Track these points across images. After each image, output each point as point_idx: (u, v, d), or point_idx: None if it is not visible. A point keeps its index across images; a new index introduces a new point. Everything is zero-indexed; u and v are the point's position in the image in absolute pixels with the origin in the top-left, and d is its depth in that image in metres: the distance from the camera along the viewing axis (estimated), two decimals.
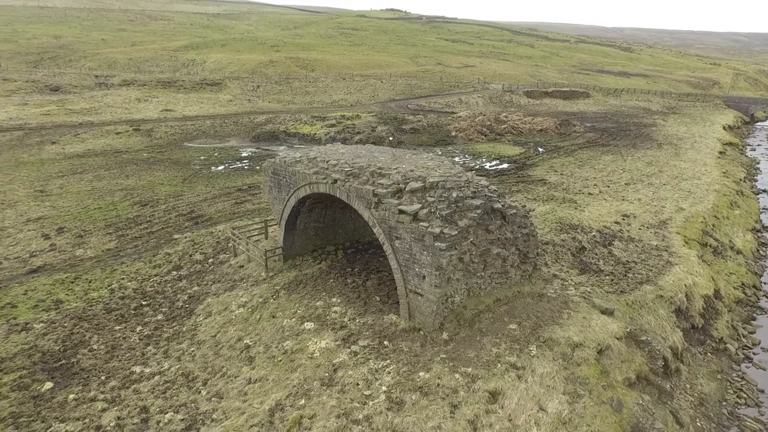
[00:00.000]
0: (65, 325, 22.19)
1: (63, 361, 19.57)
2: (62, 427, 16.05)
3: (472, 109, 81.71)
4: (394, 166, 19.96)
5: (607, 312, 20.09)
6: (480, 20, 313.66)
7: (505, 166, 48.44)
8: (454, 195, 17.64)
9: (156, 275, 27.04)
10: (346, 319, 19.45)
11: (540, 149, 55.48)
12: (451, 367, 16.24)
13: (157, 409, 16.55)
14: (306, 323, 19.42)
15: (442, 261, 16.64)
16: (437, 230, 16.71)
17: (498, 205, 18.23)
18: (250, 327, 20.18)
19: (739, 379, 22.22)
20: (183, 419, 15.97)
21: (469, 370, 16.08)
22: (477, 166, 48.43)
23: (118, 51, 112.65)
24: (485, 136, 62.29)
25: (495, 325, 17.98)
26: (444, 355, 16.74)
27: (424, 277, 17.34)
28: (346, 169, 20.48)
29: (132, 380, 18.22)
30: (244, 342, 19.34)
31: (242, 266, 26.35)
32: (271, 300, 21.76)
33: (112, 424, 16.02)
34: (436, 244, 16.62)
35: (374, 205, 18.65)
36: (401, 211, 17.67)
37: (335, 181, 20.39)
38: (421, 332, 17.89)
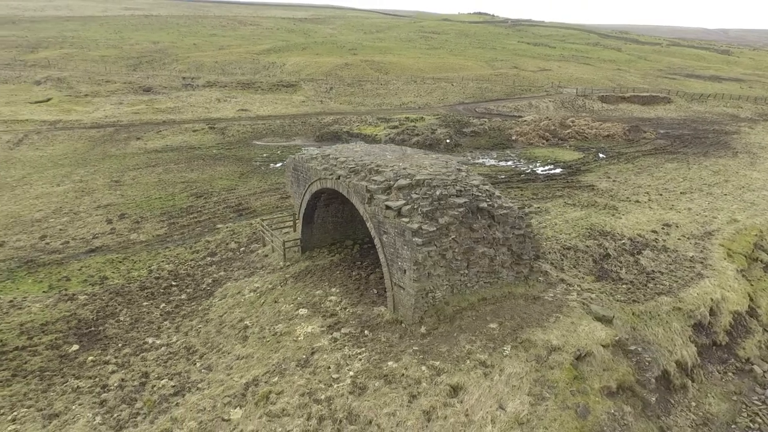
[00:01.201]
0: (103, 298, 24.83)
1: (92, 329, 22.01)
2: (76, 382, 18.22)
3: (542, 113, 79.78)
4: (392, 164, 20.63)
5: (604, 319, 19.54)
6: (568, 23, 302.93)
7: (557, 171, 47.24)
8: (438, 193, 18.04)
9: (192, 260, 29.36)
10: (338, 308, 20.38)
11: (601, 155, 53.41)
12: (421, 359, 16.69)
13: (156, 375, 18.34)
14: (301, 309, 20.57)
15: (419, 256, 17.12)
16: (416, 226, 17.23)
17: (484, 205, 18.39)
18: (253, 310, 21.64)
19: (759, 403, 20.69)
20: (174, 386, 17.61)
21: (437, 363, 16.44)
22: (528, 170, 47.60)
23: (207, 54, 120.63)
24: (547, 140, 60.78)
25: (475, 323, 18.15)
26: (416, 348, 17.21)
27: (405, 271, 17.89)
28: (351, 166, 21.42)
29: (143, 349, 20.21)
30: (244, 323, 20.81)
31: (267, 255, 28.03)
32: (279, 287, 23.13)
33: (115, 384, 17.99)
34: (413, 239, 17.14)
35: (367, 201, 19.45)
36: (387, 207, 18.34)
37: (339, 177, 21.38)
38: (403, 324, 18.45)
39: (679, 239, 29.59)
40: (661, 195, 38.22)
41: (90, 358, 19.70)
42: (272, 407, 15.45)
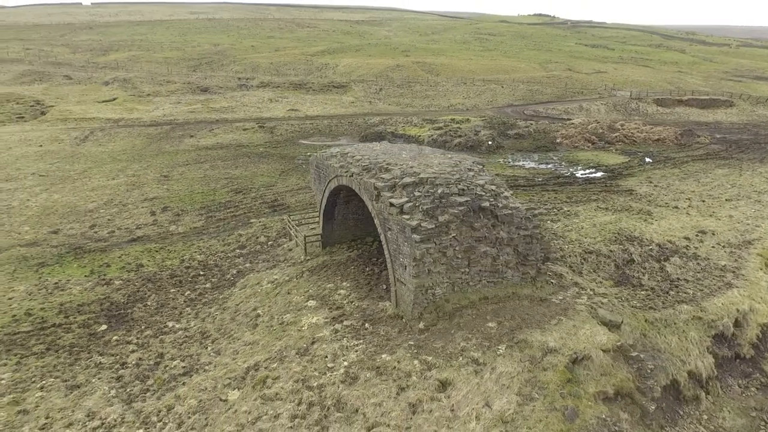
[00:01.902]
0: (136, 284, 26.52)
1: (122, 311, 23.61)
2: (99, 358, 19.70)
3: (592, 116, 77.67)
4: (402, 163, 21.03)
5: (611, 324, 19.19)
6: (631, 24, 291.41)
7: (598, 174, 46.04)
8: (439, 191, 18.30)
9: (222, 251, 30.76)
10: (345, 302, 20.98)
11: (647, 159, 51.57)
12: (414, 353, 17.01)
13: (170, 356, 19.55)
14: (310, 301, 21.31)
15: (417, 252, 17.46)
16: (415, 223, 17.57)
17: (486, 204, 18.48)
18: (267, 300, 22.58)
19: None
20: (184, 366, 18.74)
21: (430, 358, 16.72)
22: (567, 173, 46.66)
23: (263, 56, 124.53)
24: (592, 144, 59.24)
25: (474, 322, 18.27)
26: (412, 342, 17.54)
27: (405, 267, 18.27)
28: (364, 164, 21.98)
29: (163, 332, 21.54)
30: (257, 312, 21.78)
31: (291, 250, 29.03)
32: (295, 279, 23.99)
33: (133, 362, 19.33)
34: (412, 235, 17.50)
35: (375, 198, 19.94)
36: (391, 204, 18.77)
37: (352, 174, 21.99)
38: (403, 319, 18.81)
39: (713, 247, 28.35)
40: (703, 201, 36.60)
41: (115, 337, 21.20)
42: (267, 391, 16.23)
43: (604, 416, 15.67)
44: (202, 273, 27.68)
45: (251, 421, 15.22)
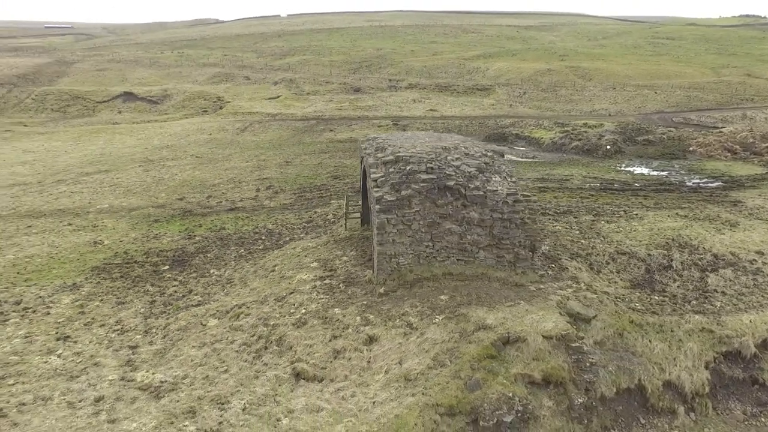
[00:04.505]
0: (210, 240, 31.71)
1: (186, 258, 28.76)
2: (149, 287, 24.72)
3: (757, 125, 67.95)
4: (400, 144, 22.63)
5: (579, 318, 18.70)
6: None
7: (713, 184, 41.25)
8: (408, 168, 19.66)
9: (291, 224, 34.84)
10: (340, 266, 23.25)
11: None
12: (361, 311, 18.78)
13: (195, 293, 23.80)
14: (314, 263, 24.00)
15: (377, 221, 19.16)
16: (378, 195, 19.29)
17: (451, 183, 19.34)
18: (287, 260, 25.79)
19: None
20: (199, 300, 22.80)
21: (371, 317, 18.36)
22: (675, 182, 42.61)
23: (419, 60, 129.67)
24: (733, 153, 52.44)
25: (431, 293, 19.31)
26: (365, 302, 19.29)
27: (375, 236, 20.03)
28: (376, 147, 24.05)
29: (203, 276, 25.99)
30: (275, 268, 25.09)
31: (342, 225, 31.98)
32: (320, 247, 26.86)
33: (169, 293, 23.94)
34: (375, 205, 19.24)
35: (368, 174, 21.93)
36: (372, 179, 20.65)
37: (365, 155, 24.17)
38: (372, 284, 20.55)
39: None
40: None
41: (168, 275, 26.19)
42: (236, 323, 19.40)
43: (511, 395, 15.71)
44: (263, 238, 31.95)
45: (212, 342, 18.49)
